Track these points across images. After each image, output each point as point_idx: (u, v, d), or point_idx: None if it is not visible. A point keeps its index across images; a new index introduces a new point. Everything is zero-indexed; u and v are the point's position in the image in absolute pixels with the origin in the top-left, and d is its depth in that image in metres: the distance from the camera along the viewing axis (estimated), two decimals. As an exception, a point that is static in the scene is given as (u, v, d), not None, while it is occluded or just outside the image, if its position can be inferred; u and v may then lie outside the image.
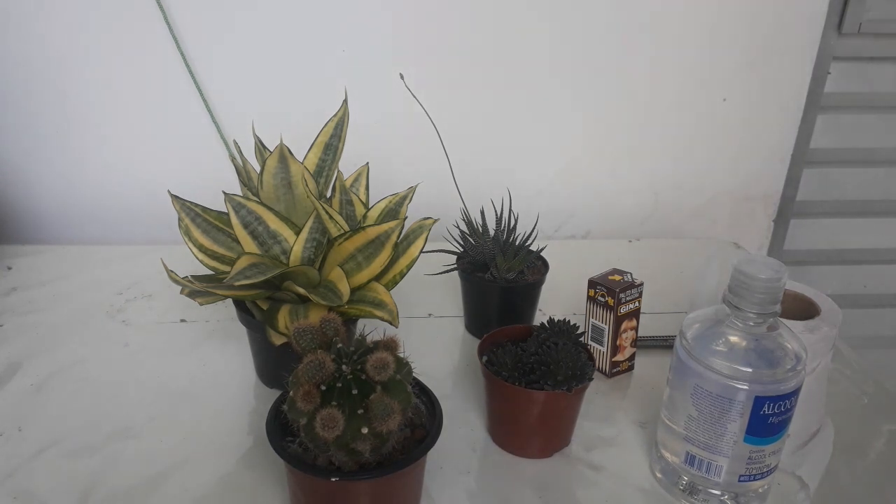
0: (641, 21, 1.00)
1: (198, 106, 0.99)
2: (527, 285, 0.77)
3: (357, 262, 0.64)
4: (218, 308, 0.83)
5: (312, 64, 0.98)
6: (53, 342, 0.78)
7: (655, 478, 0.61)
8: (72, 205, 1.04)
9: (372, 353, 0.49)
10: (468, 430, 0.66)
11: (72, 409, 0.67)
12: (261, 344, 0.68)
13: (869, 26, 1.04)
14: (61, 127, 1.00)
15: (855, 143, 1.14)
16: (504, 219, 0.78)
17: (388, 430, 0.47)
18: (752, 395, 0.51)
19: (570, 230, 1.14)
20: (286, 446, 0.52)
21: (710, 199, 1.14)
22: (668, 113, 1.07)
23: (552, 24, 0.99)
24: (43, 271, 0.93)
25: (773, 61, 1.05)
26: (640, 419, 0.68)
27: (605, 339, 0.72)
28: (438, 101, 0.82)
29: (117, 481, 0.59)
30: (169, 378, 0.72)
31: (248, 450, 0.63)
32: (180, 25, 0.94)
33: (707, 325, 0.55)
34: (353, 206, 0.68)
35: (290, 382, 0.50)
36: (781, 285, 0.51)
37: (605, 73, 1.03)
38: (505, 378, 0.61)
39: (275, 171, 0.65)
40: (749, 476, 0.55)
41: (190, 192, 0.68)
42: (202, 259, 0.65)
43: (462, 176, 0.81)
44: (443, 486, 0.59)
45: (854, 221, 1.20)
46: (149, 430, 0.65)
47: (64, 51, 0.95)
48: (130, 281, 0.91)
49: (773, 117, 1.09)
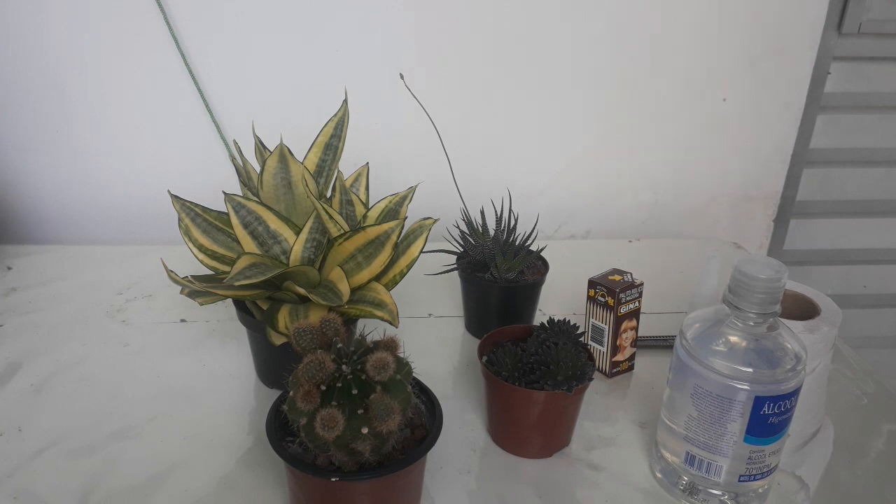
0: (641, 21, 1.00)
1: (198, 106, 0.99)
2: (527, 285, 0.77)
3: (357, 262, 0.64)
4: (218, 308, 0.84)
5: (313, 64, 0.98)
6: (53, 342, 0.78)
7: (655, 478, 0.61)
8: (72, 205, 1.05)
9: (372, 353, 0.49)
10: (468, 430, 0.66)
11: (72, 409, 0.67)
12: (261, 344, 0.68)
13: (869, 26, 1.05)
14: (61, 127, 1.00)
15: (855, 143, 1.14)
16: (504, 219, 0.78)
17: (388, 430, 0.47)
18: (752, 395, 0.51)
19: (570, 230, 1.14)
20: (286, 446, 0.52)
21: (710, 199, 1.14)
22: (668, 113, 1.07)
23: (552, 24, 0.99)
24: (43, 271, 0.93)
25: (773, 61, 1.05)
26: (640, 419, 0.68)
27: (605, 339, 0.72)
28: (438, 101, 0.82)
29: (117, 481, 0.59)
30: (169, 378, 0.72)
31: (248, 450, 0.63)
32: (180, 25, 0.94)
33: (707, 325, 0.55)
34: (353, 206, 0.68)
35: (290, 382, 0.50)
36: (781, 285, 0.51)
37: (605, 73, 1.03)
38: (505, 378, 0.61)
39: (275, 171, 0.65)
40: (749, 476, 0.55)
41: (190, 192, 0.69)
42: (202, 259, 0.65)
43: (462, 176, 0.81)
44: (443, 486, 0.59)
45: (854, 221, 1.20)
46: (149, 430, 0.65)
47: (64, 51, 0.95)
48: (130, 281, 0.91)
49: (773, 117, 1.09)
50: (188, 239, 0.65)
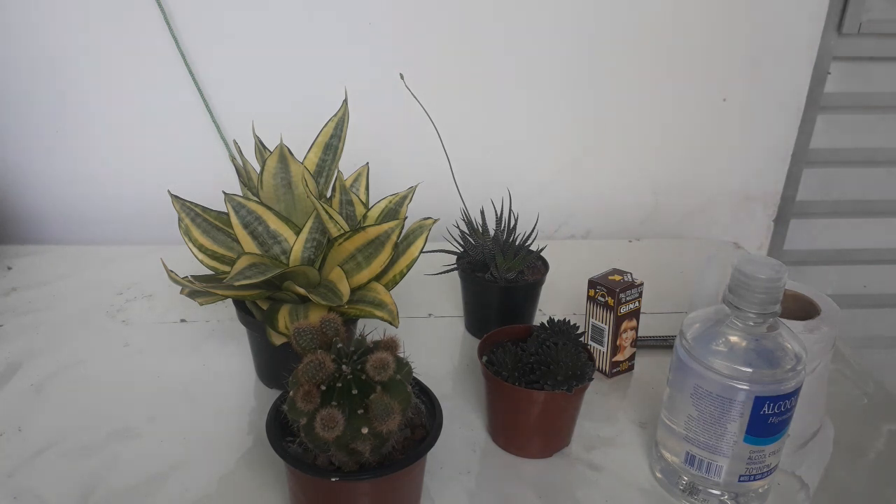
0: (641, 21, 1.00)
1: (198, 106, 0.99)
2: (527, 285, 0.77)
3: (357, 262, 0.64)
4: (218, 308, 0.83)
5: (313, 64, 0.98)
6: (53, 342, 0.78)
7: (655, 478, 0.61)
8: (72, 205, 1.04)
9: (372, 353, 0.49)
10: (468, 430, 0.66)
11: (72, 409, 0.67)
12: (261, 344, 0.68)
13: (869, 26, 1.04)
14: (61, 127, 1.00)
15: (855, 143, 1.14)
16: (504, 219, 0.78)
17: (388, 430, 0.47)
18: (752, 395, 0.51)
19: (570, 230, 1.14)
20: (286, 446, 0.52)
21: (710, 199, 1.14)
22: (668, 113, 1.07)
23: (552, 24, 0.99)
24: (43, 271, 0.93)
25: (773, 61, 1.05)
26: (640, 419, 0.68)
27: (605, 339, 0.72)
28: (438, 100, 0.82)
29: (117, 481, 0.59)
30: (169, 378, 0.72)
31: (248, 450, 0.63)
32: (180, 26, 0.94)
33: (707, 325, 0.55)
34: (353, 206, 0.68)
35: (290, 382, 0.50)
36: (781, 285, 0.51)
37: (605, 73, 1.03)
38: (505, 378, 0.61)
39: (275, 171, 0.65)
40: (749, 476, 0.55)
41: (190, 192, 0.68)
42: (202, 259, 0.65)
43: (462, 176, 0.81)
44: (443, 486, 0.59)
45: (854, 221, 1.20)
46: (149, 430, 0.65)
47: (64, 51, 0.95)
48: (130, 281, 0.91)
49: (773, 117, 1.09)
50: (188, 239, 0.65)
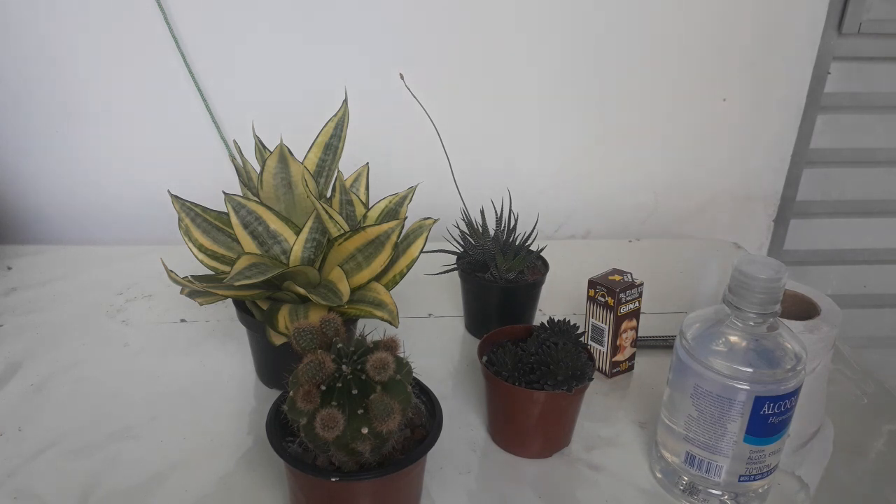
0: (641, 21, 1.00)
1: (198, 106, 0.99)
2: (527, 285, 0.77)
3: (357, 262, 0.64)
4: (218, 308, 0.83)
5: (313, 64, 0.98)
6: (53, 342, 0.78)
7: (655, 478, 0.61)
8: (72, 205, 1.05)
9: (372, 353, 0.49)
10: (468, 430, 0.66)
11: (72, 409, 0.67)
12: (261, 344, 0.68)
13: (869, 26, 1.04)
14: (61, 127, 1.00)
15: (855, 143, 1.14)
16: (504, 219, 0.78)
17: (388, 430, 0.47)
18: (752, 395, 0.51)
19: (570, 230, 1.14)
20: (286, 446, 0.52)
21: (710, 199, 1.14)
22: (668, 113, 1.07)
23: (553, 24, 0.99)
24: (43, 271, 0.93)
25: (773, 61, 1.05)
26: (640, 419, 0.68)
27: (605, 339, 0.72)
28: (439, 101, 0.82)
29: (117, 481, 0.59)
30: (169, 378, 0.72)
31: (248, 450, 0.63)
32: (180, 25, 0.94)
33: (707, 325, 0.55)
34: (353, 206, 0.68)
35: (290, 382, 0.50)
36: (781, 285, 0.51)
37: (605, 73, 1.03)
38: (505, 378, 0.61)
39: (275, 171, 0.65)
40: (749, 476, 0.55)
41: (190, 192, 0.68)
42: (202, 259, 0.65)
43: (462, 176, 0.81)
44: (443, 486, 0.59)
45: (854, 221, 1.20)
46: (149, 430, 0.65)
47: (64, 51, 0.95)
48: (130, 281, 0.91)
49: (773, 117, 1.09)
50: (188, 239, 0.65)
